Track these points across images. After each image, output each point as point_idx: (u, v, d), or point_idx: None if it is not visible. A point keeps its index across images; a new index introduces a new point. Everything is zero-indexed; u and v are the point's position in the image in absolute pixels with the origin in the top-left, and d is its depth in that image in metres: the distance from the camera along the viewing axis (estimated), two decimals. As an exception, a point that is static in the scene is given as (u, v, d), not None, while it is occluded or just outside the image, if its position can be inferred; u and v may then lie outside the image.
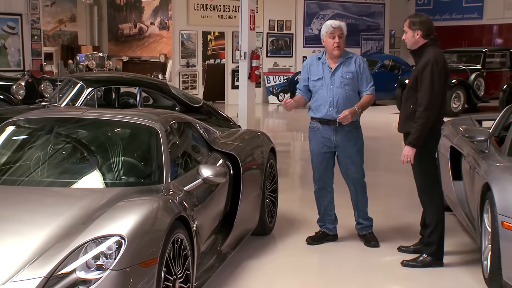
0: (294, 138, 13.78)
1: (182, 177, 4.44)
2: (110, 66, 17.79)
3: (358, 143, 5.53)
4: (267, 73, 19.44)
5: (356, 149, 5.52)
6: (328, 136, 5.49)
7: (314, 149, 5.59)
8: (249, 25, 10.31)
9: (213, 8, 18.35)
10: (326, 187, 5.65)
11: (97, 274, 3.24)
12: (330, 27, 5.43)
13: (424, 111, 4.83)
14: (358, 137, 5.54)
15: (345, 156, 5.52)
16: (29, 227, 3.49)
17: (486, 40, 20.87)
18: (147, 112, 5.02)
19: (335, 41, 5.38)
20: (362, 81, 5.45)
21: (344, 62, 5.44)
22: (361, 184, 5.61)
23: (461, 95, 15.76)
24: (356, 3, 21.31)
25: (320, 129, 5.52)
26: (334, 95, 5.40)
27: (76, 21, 21.81)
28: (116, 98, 8.58)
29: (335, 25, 5.44)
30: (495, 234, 4.34)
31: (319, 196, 5.70)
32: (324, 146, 5.51)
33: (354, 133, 5.51)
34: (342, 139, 5.46)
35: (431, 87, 4.83)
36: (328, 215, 5.70)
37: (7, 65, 15.09)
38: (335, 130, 5.45)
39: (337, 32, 5.39)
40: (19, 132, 4.81)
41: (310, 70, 5.53)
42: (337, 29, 5.40)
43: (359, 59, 5.50)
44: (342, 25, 5.47)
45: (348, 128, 5.45)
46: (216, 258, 4.63)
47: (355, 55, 5.54)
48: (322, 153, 5.55)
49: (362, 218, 5.67)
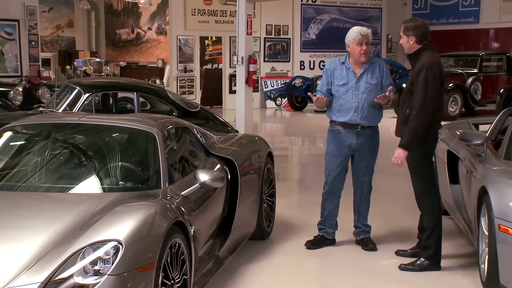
0: (291, 142, 13.79)
1: (180, 182, 4.45)
2: (108, 72, 17.78)
3: (376, 147, 5.62)
4: (264, 77, 19.46)
5: (372, 154, 5.60)
6: (349, 139, 5.51)
7: (333, 151, 5.59)
8: (246, 29, 10.33)
9: (211, 13, 18.37)
10: (336, 191, 5.65)
11: (94, 279, 3.24)
12: (359, 34, 5.44)
13: (417, 114, 4.86)
14: (376, 141, 5.62)
15: (361, 159, 5.56)
16: (27, 232, 3.49)
17: (483, 44, 20.90)
18: (144, 117, 5.03)
19: (363, 48, 5.41)
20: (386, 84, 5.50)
21: (368, 68, 5.48)
22: (368, 188, 5.65)
23: (458, 99, 15.79)
24: (353, 8, 21.35)
25: (342, 133, 5.54)
26: (359, 101, 5.43)
27: (74, 26, 21.82)
28: (114, 103, 8.59)
29: (364, 32, 5.46)
30: (492, 237, 4.34)
31: (326, 199, 5.70)
32: (343, 149, 5.54)
33: (374, 137, 5.56)
34: (362, 143, 5.51)
35: (425, 91, 4.85)
36: (330, 220, 5.70)
37: (4, 71, 15.09)
38: (357, 134, 5.49)
39: (365, 40, 5.43)
40: (16, 137, 4.81)
41: (334, 74, 5.53)
42: (365, 37, 5.44)
43: (382, 64, 5.57)
44: (369, 32, 5.52)
45: (369, 133, 5.51)
46: (213, 262, 4.63)
47: (378, 60, 5.62)
48: (340, 156, 5.57)
49: (361, 223, 5.68)
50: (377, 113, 5.54)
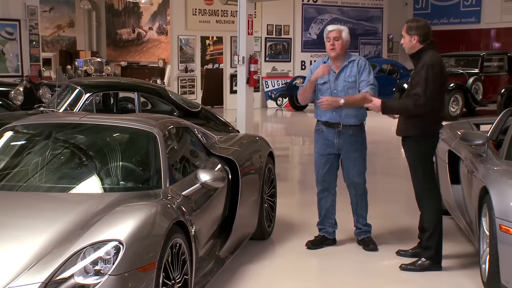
0: (292, 142, 13.78)
1: (181, 182, 4.45)
2: (109, 71, 17.78)
3: (360, 147, 5.56)
4: (265, 77, 19.46)
5: (359, 154, 5.55)
6: (331, 138, 5.53)
7: (319, 150, 5.63)
8: (247, 29, 10.32)
9: (211, 13, 18.37)
10: (329, 189, 5.66)
11: (95, 279, 3.24)
12: (326, 30, 5.58)
13: (415, 100, 4.84)
14: (361, 142, 5.56)
15: (347, 159, 5.55)
16: (27, 232, 3.49)
17: (484, 44, 20.90)
18: (145, 117, 5.03)
19: (330, 43, 5.49)
20: (361, 80, 5.44)
21: (347, 66, 5.49)
22: (361, 189, 5.62)
23: (459, 99, 15.79)
24: (354, 8, 21.35)
25: (324, 132, 5.56)
26: None
27: (75, 26, 21.83)
28: (115, 103, 8.59)
29: (331, 28, 5.57)
30: (493, 237, 4.34)
31: (321, 198, 5.71)
32: (328, 148, 5.56)
33: (358, 137, 5.53)
34: (345, 142, 5.49)
35: (425, 88, 4.84)
36: (328, 218, 5.70)
37: (5, 71, 15.08)
38: (338, 133, 5.49)
39: (332, 35, 5.49)
40: (17, 137, 4.81)
41: None
42: (333, 32, 5.50)
43: (361, 60, 5.54)
44: (339, 28, 5.56)
45: (351, 132, 5.49)
46: (214, 262, 4.63)
47: (358, 58, 5.60)
48: (325, 155, 5.58)
49: (361, 223, 5.68)
50: (359, 112, 5.48)
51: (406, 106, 4.96)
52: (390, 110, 5.13)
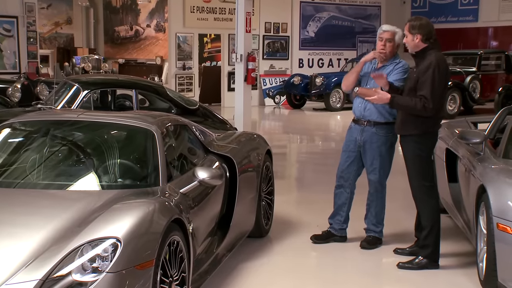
0: (290, 140, 13.78)
1: (178, 179, 4.44)
2: (106, 69, 17.76)
3: (382, 146, 5.44)
4: (263, 75, 19.45)
5: (379, 152, 5.44)
6: (355, 135, 5.52)
7: (344, 146, 5.64)
8: (245, 27, 10.31)
9: (209, 11, 18.35)
10: (344, 186, 5.63)
11: (93, 277, 3.24)
12: (380, 29, 5.45)
13: (423, 103, 4.82)
14: (383, 141, 5.43)
15: (365, 155, 5.51)
16: (25, 229, 3.49)
17: (482, 42, 20.90)
18: (143, 115, 5.03)
19: (382, 43, 5.38)
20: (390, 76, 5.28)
21: (387, 66, 5.40)
22: (375, 186, 5.56)
23: (457, 97, 15.80)
24: (352, 6, 21.34)
25: (352, 128, 5.58)
26: None
27: (72, 23, 21.79)
28: (112, 100, 8.58)
29: (386, 28, 5.43)
30: (491, 236, 4.35)
31: (335, 194, 5.71)
32: (350, 145, 5.56)
33: (380, 136, 5.43)
34: (366, 139, 5.47)
35: (431, 89, 4.82)
36: (338, 215, 5.69)
37: (3, 68, 15.06)
38: (362, 130, 5.48)
39: (385, 36, 5.38)
40: (15, 134, 4.81)
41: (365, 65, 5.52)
42: (387, 33, 5.38)
43: (400, 63, 5.39)
44: (394, 30, 5.39)
45: (374, 130, 5.43)
46: (212, 260, 4.63)
47: (402, 61, 5.43)
48: (347, 151, 5.59)
49: (370, 222, 5.64)
50: (383, 109, 5.35)
51: (414, 106, 4.89)
52: (398, 105, 5.04)
